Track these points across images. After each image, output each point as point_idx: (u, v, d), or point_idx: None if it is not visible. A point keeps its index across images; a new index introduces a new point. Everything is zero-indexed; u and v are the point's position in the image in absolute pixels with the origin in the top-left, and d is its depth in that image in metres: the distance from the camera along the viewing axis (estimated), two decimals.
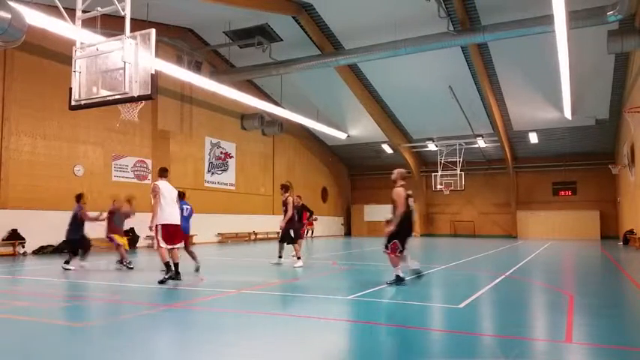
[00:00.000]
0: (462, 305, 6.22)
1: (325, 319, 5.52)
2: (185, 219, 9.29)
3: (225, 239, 22.81)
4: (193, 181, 21.36)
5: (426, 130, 27.41)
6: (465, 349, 4.33)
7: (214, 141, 22.92)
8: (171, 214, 8.10)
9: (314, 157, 31.25)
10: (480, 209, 31.61)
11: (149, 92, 6.26)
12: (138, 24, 10.46)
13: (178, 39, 18.88)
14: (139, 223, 18.21)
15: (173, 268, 8.05)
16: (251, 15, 17.30)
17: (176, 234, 8.21)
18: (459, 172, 28.03)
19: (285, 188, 11.74)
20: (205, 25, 19.25)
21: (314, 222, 25.66)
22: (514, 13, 15.76)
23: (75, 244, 10.65)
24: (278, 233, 12.46)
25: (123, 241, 10.72)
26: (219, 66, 21.71)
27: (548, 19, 13.22)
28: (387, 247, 7.89)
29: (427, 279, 9.26)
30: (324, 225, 31.60)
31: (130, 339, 4.71)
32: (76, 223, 10.53)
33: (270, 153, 27.00)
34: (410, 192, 8.08)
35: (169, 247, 8.05)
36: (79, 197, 10.72)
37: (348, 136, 28.53)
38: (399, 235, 7.84)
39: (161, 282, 7.85)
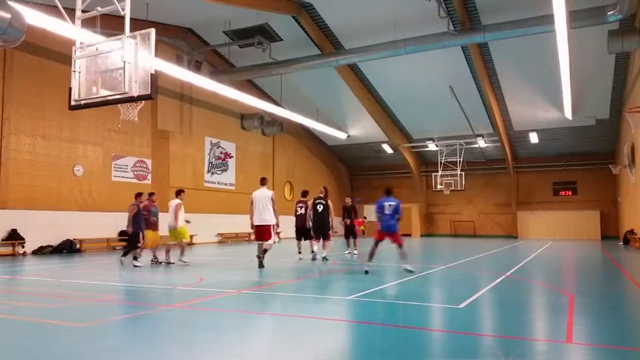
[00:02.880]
0: (462, 305, 6.20)
1: (325, 319, 5.51)
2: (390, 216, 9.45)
3: (225, 239, 22.81)
4: (193, 181, 21.36)
5: (426, 130, 27.40)
6: (465, 349, 4.32)
7: (214, 141, 22.92)
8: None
9: (314, 157, 31.24)
10: (481, 209, 31.60)
11: (149, 92, 6.25)
12: (138, 24, 10.45)
13: (178, 39, 18.88)
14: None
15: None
16: (251, 15, 17.30)
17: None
18: (459, 172, 28.02)
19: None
20: (205, 24, 19.23)
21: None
22: (514, 12, 15.76)
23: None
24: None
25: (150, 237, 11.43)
26: (219, 66, 21.70)
27: (548, 18, 13.21)
28: None
29: (427, 279, 9.26)
30: None
31: (130, 339, 4.70)
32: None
33: (270, 153, 27.00)
34: None
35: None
36: (139, 194, 11.53)
37: (348, 136, 28.52)
38: None
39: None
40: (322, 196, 12.98)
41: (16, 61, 14.88)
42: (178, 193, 11.95)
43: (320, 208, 12.68)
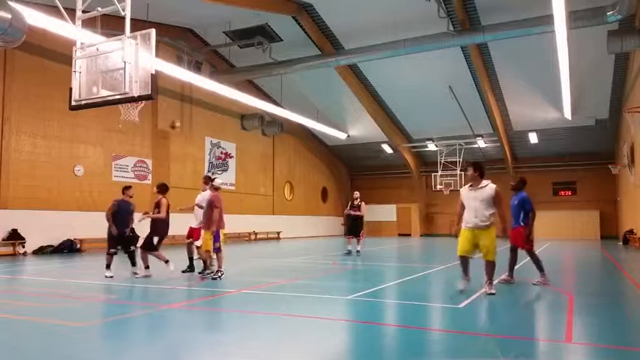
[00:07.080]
0: (461, 305, 6.22)
1: (325, 319, 5.53)
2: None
3: (225, 239, 22.78)
4: (193, 181, 21.33)
5: (425, 130, 27.40)
6: (465, 349, 4.33)
7: (214, 141, 22.92)
8: None
9: (314, 157, 31.24)
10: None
11: (149, 92, 6.27)
12: (138, 24, 10.44)
13: (178, 39, 18.88)
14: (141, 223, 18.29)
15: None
16: (251, 15, 17.30)
17: None
18: (458, 172, 28.01)
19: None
20: (205, 25, 19.24)
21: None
22: (514, 13, 15.76)
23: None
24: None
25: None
26: (219, 66, 21.71)
27: (548, 19, 13.21)
28: None
29: (427, 279, 9.27)
30: (324, 225, 31.60)
31: (130, 339, 4.71)
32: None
33: (270, 153, 27.00)
34: None
35: None
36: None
37: (348, 136, 28.51)
38: None
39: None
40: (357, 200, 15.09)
41: (16, 62, 14.88)
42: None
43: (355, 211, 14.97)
